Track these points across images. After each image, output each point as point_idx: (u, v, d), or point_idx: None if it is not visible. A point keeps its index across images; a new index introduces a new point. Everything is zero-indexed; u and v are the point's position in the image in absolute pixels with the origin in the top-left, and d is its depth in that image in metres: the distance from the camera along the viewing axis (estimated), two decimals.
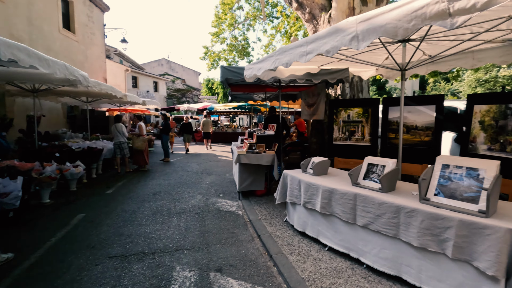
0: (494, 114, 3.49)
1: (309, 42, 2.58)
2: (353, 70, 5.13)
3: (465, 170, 2.43)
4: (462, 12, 1.41)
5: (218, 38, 16.29)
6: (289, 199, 3.81)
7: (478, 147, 3.65)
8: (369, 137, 4.80)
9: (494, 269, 1.94)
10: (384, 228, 2.62)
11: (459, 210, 2.24)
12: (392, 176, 2.88)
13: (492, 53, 3.52)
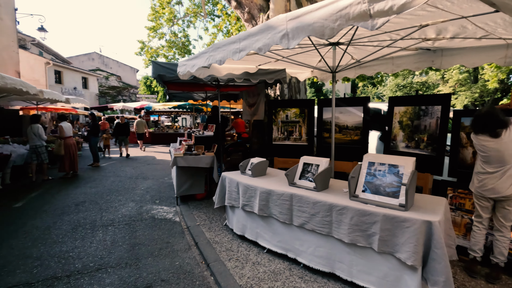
0: (410, 115, 3.88)
1: (242, 39, 2.47)
2: (290, 71, 5.24)
3: (387, 167, 2.60)
4: (381, 14, 1.43)
5: (156, 33, 15.35)
6: (228, 202, 3.66)
7: (398, 144, 4.03)
8: (306, 137, 4.95)
9: (413, 259, 2.09)
10: (318, 227, 2.65)
11: (383, 205, 2.38)
12: (326, 175, 2.96)
13: (408, 59, 3.91)
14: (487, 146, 2.62)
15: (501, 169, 2.56)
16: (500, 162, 2.57)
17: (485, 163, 2.67)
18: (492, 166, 2.61)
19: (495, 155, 2.58)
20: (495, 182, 2.59)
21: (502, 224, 2.62)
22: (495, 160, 2.60)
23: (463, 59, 3.36)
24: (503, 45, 3.02)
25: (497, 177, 2.58)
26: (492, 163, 2.60)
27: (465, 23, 2.41)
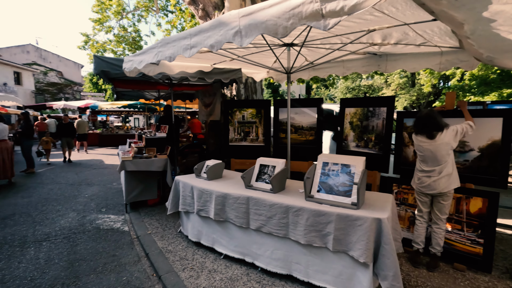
0: (360, 116, 4.08)
1: (193, 34, 2.32)
2: (246, 71, 5.18)
3: (340, 166, 2.66)
4: (333, 14, 1.42)
5: (103, 26, 14.19)
6: (182, 207, 3.46)
7: (349, 144, 4.21)
8: (262, 137, 4.94)
9: (365, 256, 2.15)
10: (275, 230, 2.62)
11: (337, 204, 2.42)
12: (282, 176, 2.94)
13: (357, 63, 4.11)
14: (423, 147, 2.83)
15: (436, 168, 2.78)
16: (434, 162, 2.79)
17: (422, 162, 2.89)
18: (428, 165, 2.83)
19: (429, 155, 2.80)
20: (431, 179, 2.81)
21: (438, 217, 2.86)
22: (429, 159, 2.81)
23: (405, 64, 3.63)
24: (438, 52, 3.31)
25: (432, 175, 2.80)
26: (427, 162, 2.83)
27: (407, 30, 2.57)
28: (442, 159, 2.75)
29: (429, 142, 2.79)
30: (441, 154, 2.74)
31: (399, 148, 3.61)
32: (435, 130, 2.76)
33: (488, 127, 3.00)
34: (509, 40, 1.75)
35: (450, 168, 2.76)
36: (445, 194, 2.80)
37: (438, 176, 2.77)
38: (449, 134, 2.72)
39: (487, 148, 3.00)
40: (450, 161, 2.77)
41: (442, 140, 2.73)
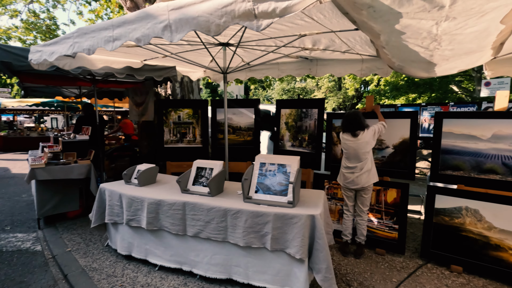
0: (294, 117, 4.27)
1: (116, 25, 2.08)
2: (182, 69, 4.95)
3: (277, 166, 2.72)
4: (265, 15, 1.41)
5: (5, 9, 11.99)
6: (109, 218, 3.10)
7: (285, 144, 4.37)
8: (200, 139, 4.78)
9: (301, 252, 2.23)
10: (214, 234, 2.53)
11: (274, 204, 2.46)
12: (220, 178, 2.87)
13: (291, 66, 4.29)
14: (348, 144, 3.10)
15: (357, 165, 3.07)
16: (356, 159, 3.07)
17: (346, 159, 3.16)
18: (351, 162, 3.11)
19: (353, 153, 3.08)
20: (354, 175, 3.08)
21: (361, 210, 3.17)
22: (352, 156, 3.09)
23: (332, 69, 3.93)
24: (360, 60, 3.67)
25: (355, 171, 3.08)
26: (351, 159, 3.11)
27: (334, 37, 2.77)
28: (363, 156, 3.04)
29: (353, 140, 3.06)
30: (362, 152, 3.03)
31: (329, 147, 3.89)
32: (358, 129, 3.04)
33: (399, 127, 3.43)
34: (415, 52, 2.01)
35: (370, 165, 3.07)
36: (366, 188, 3.11)
37: (360, 172, 3.05)
38: (369, 134, 3.03)
39: (399, 145, 3.44)
40: (370, 158, 3.08)
41: (364, 139, 3.02)
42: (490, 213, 2.88)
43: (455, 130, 3.15)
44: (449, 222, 3.07)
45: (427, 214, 3.20)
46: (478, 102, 7.49)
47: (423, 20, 1.40)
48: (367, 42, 2.80)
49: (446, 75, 3.33)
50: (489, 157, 2.96)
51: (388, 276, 2.88)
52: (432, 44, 1.80)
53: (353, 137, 3.07)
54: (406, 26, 1.50)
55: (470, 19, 1.42)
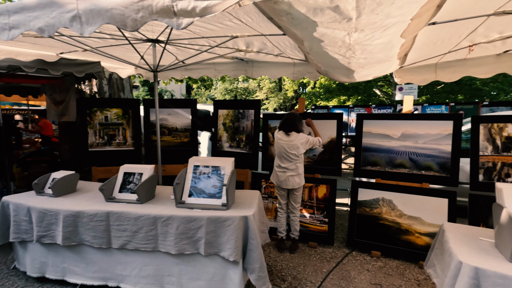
0: (232, 117, 4.27)
1: (13, 11, 1.77)
2: (110, 65, 4.53)
3: (211, 169, 2.67)
4: (185, 14, 1.35)
5: None
6: (15, 237, 2.65)
7: (223, 145, 4.34)
8: (132, 141, 4.43)
9: (235, 254, 2.23)
10: (143, 244, 2.36)
11: (208, 207, 2.41)
12: (150, 184, 2.69)
13: (227, 67, 4.27)
14: (279, 143, 3.22)
15: (289, 165, 3.20)
16: (287, 159, 3.20)
17: (278, 159, 3.28)
18: (283, 162, 3.23)
19: (284, 152, 3.20)
20: (285, 175, 3.21)
21: (294, 207, 3.32)
22: (284, 157, 3.21)
23: (267, 71, 4.04)
24: (292, 63, 3.85)
25: (287, 172, 3.21)
26: (282, 159, 3.23)
27: (265, 41, 2.83)
28: (293, 158, 3.17)
29: (285, 139, 3.18)
30: (292, 153, 3.16)
31: (265, 147, 3.99)
32: (292, 130, 3.18)
33: (328, 127, 3.70)
34: (335, 59, 2.17)
35: (301, 169, 3.24)
36: (297, 188, 3.26)
37: (292, 173, 3.19)
38: (301, 139, 3.17)
39: (328, 144, 3.71)
40: (301, 162, 3.24)
41: (295, 141, 3.16)
42: (401, 202, 3.30)
43: (373, 130, 3.53)
44: (369, 213, 3.42)
45: (352, 207, 3.52)
46: (394, 105, 8.57)
47: (336, 30, 1.51)
48: (296, 47, 2.94)
49: (365, 80, 3.71)
50: (399, 153, 3.39)
51: (319, 267, 3.08)
52: (348, 53, 1.96)
53: (286, 136, 3.19)
54: (323, 35, 1.60)
55: (376, 31, 1.58)
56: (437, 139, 3.21)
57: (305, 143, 3.20)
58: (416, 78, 3.47)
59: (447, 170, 3.16)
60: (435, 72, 3.37)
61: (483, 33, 2.39)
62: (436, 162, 3.21)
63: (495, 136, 2.97)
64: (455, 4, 1.80)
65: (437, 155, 3.21)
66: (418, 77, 3.46)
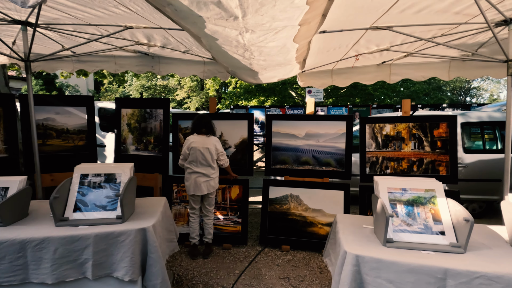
0: (137, 117, 3.87)
1: None
2: None
3: (103, 177, 2.32)
4: None
5: None
6: None
7: (129, 148, 3.91)
8: (4, 146, 3.57)
9: (131, 273, 1.97)
10: (7, 277, 1.88)
11: (99, 222, 2.08)
12: (20, 200, 2.17)
13: (130, 61, 3.85)
14: (195, 147, 3.07)
15: (203, 170, 3.07)
16: (202, 163, 3.07)
17: (192, 163, 3.12)
18: (198, 167, 3.09)
19: (199, 155, 3.05)
20: (200, 181, 3.06)
21: (208, 210, 3.22)
22: (198, 160, 3.06)
23: (176, 69, 3.80)
24: (202, 62, 3.71)
25: (201, 176, 3.07)
26: (196, 163, 3.09)
27: (167, 35, 2.62)
28: (209, 162, 3.07)
29: (201, 142, 3.05)
30: (208, 156, 3.05)
31: (176, 149, 3.75)
32: (209, 132, 3.08)
33: (240, 127, 3.71)
34: (236, 59, 2.14)
35: (217, 173, 3.18)
36: (212, 192, 3.17)
37: (207, 178, 3.08)
38: (217, 141, 3.13)
39: (239, 144, 3.72)
40: (215, 166, 3.16)
41: (208, 144, 3.06)
42: (306, 197, 3.54)
43: (281, 130, 3.70)
44: (279, 209, 3.57)
45: (263, 204, 3.61)
46: (305, 106, 9.33)
47: (227, 29, 1.45)
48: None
49: (271, 82, 3.86)
50: (304, 151, 3.64)
51: (232, 269, 3.04)
52: (247, 53, 1.94)
53: (202, 138, 3.07)
54: (215, 32, 1.52)
55: (268, 34, 1.58)
56: (335, 138, 3.57)
57: (217, 150, 3.13)
58: (316, 82, 3.80)
59: (342, 165, 3.54)
60: (331, 77, 3.75)
61: (364, 44, 2.73)
62: (334, 158, 3.57)
63: (377, 135, 3.46)
64: (339, 17, 1.98)
65: (335, 152, 3.56)
66: (318, 81, 3.79)
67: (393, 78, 3.66)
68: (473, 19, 2.11)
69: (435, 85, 22.50)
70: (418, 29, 2.32)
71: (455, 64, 3.54)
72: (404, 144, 3.42)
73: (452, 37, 2.51)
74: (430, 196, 1.92)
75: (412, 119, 3.39)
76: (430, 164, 3.36)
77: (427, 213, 1.88)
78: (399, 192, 1.97)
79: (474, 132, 5.34)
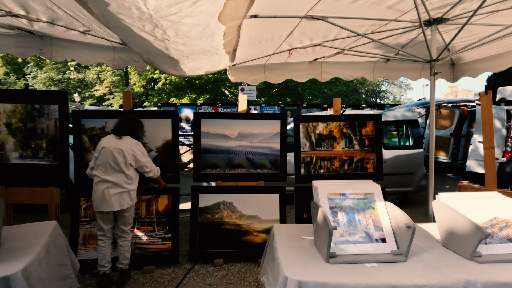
0: (21, 115, 2.97)
1: None
2: None
3: None
4: None
5: None
6: None
7: (9, 155, 2.97)
8: None
9: None
10: None
11: None
12: None
13: (7, 41, 2.91)
14: (106, 149, 2.43)
15: (116, 178, 2.44)
16: (115, 170, 2.44)
17: (101, 169, 2.45)
18: (108, 174, 2.43)
19: (111, 159, 2.43)
20: (111, 193, 2.42)
21: (123, 230, 2.59)
22: (111, 166, 2.44)
23: (76, 54, 3.02)
24: (111, 47, 3.03)
25: (113, 187, 2.43)
26: (107, 169, 2.44)
27: (50, 4, 1.95)
28: (121, 167, 2.45)
29: (114, 144, 2.44)
30: (120, 160, 2.44)
31: (80, 155, 3.00)
32: (127, 133, 2.52)
33: (163, 127, 3.18)
34: (146, 40, 1.65)
35: (134, 184, 2.57)
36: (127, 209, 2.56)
37: (120, 190, 2.45)
38: (137, 145, 2.55)
39: (163, 147, 3.18)
40: (134, 177, 2.57)
41: (123, 146, 2.47)
42: (240, 203, 3.22)
43: (211, 130, 3.30)
44: (211, 219, 3.17)
45: (192, 215, 3.17)
46: None
47: None
48: None
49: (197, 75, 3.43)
50: (237, 153, 3.31)
51: None
52: (158, 32, 1.49)
53: (116, 139, 2.45)
54: None
55: (182, 3, 1.18)
56: (269, 138, 3.34)
57: (142, 155, 2.57)
58: (249, 77, 3.52)
59: (277, 166, 3.34)
60: (264, 73, 3.52)
61: (298, 37, 2.54)
62: (269, 160, 3.34)
63: (311, 134, 3.36)
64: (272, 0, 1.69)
65: (269, 153, 3.34)
66: (250, 77, 3.52)
67: (324, 77, 3.63)
68: (402, 16, 2.09)
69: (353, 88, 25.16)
70: (352, 23, 2.22)
71: (378, 65, 3.69)
72: (336, 143, 3.41)
73: (381, 35, 2.51)
74: (370, 200, 1.79)
75: (343, 118, 3.38)
76: (359, 162, 3.41)
77: (367, 220, 1.74)
78: (340, 198, 1.80)
79: (390, 130, 5.87)
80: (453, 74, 3.95)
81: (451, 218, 1.68)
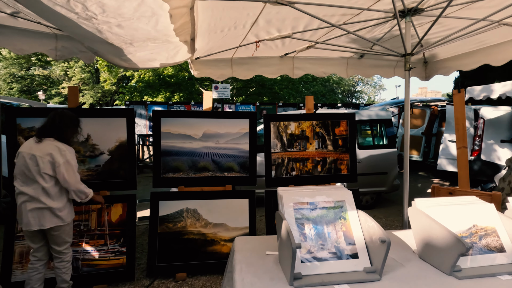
0: None
1: None
2: None
3: None
4: None
5: None
6: None
7: None
8: None
9: None
10: None
11: None
12: None
13: None
14: (22, 153, 2.02)
15: (34, 190, 2.01)
16: (27, 177, 2.01)
17: (19, 179, 2.06)
18: (27, 185, 2.02)
19: (26, 167, 1.99)
20: (27, 208, 2.00)
21: (57, 251, 2.17)
22: (27, 176, 2.01)
23: (8, 41, 2.54)
24: (52, 34, 2.62)
25: (31, 201, 2.01)
26: (24, 178, 2.05)
27: None
28: (35, 177, 1.99)
29: (31, 147, 2.03)
30: (33, 168, 1.98)
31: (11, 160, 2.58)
32: (49, 134, 2.06)
33: (116, 127, 2.82)
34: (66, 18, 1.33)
35: (58, 202, 2.07)
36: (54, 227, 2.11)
37: (37, 205, 2.01)
38: (62, 151, 2.04)
39: (116, 150, 2.82)
40: (58, 192, 2.08)
41: (38, 151, 2.00)
42: (206, 210, 2.94)
43: (173, 129, 2.98)
44: (173, 229, 2.86)
45: (152, 225, 2.84)
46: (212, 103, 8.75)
47: None
48: None
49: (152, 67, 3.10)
50: (202, 155, 3.02)
51: None
52: (78, 5, 1.18)
53: (36, 142, 2.04)
54: None
55: None
56: (237, 138, 3.08)
57: (66, 164, 2.03)
58: (214, 72, 3.23)
59: (246, 169, 3.08)
60: (231, 68, 3.24)
61: (264, 27, 2.30)
62: (237, 162, 3.08)
63: (282, 134, 3.14)
64: None
65: (237, 154, 3.07)
66: (216, 72, 3.23)
67: (296, 73, 3.42)
68: (376, 5, 1.92)
69: (330, 88, 25.56)
70: (322, 12, 2.01)
71: (352, 62, 3.54)
72: (309, 144, 3.21)
73: (354, 26, 2.33)
74: (341, 210, 1.58)
75: (315, 117, 3.19)
76: (333, 163, 3.23)
77: (338, 232, 1.53)
78: (307, 208, 1.57)
79: (364, 130, 5.81)
80: (426, 72, 3.90)
81: (428, 228, 1.51)
